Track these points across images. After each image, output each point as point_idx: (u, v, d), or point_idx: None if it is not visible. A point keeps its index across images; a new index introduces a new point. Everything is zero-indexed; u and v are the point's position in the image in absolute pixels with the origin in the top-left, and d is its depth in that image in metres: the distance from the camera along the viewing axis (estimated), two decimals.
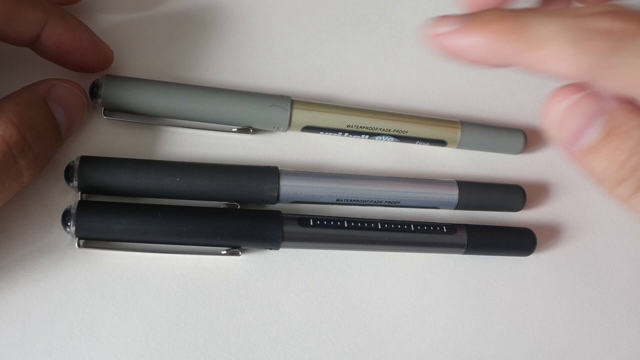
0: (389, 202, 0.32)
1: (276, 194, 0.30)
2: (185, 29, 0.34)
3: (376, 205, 0.32)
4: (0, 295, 0.27)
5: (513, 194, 0.33)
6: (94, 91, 0.29)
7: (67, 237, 0.28)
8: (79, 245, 0.27)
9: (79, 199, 0.28)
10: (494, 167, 0.35)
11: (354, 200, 0.31)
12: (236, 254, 0.29)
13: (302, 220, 0.30)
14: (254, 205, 0.30)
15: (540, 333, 0.32)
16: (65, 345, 0.27)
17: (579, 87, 0.25)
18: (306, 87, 0.34)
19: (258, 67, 0.34)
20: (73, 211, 0.27)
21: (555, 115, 0.25)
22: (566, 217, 0.35)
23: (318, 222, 0.30)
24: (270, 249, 0.30)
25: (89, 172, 0.28)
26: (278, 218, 0.29)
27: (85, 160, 0.28)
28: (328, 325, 0.30)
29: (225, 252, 0.29)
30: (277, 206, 0.31)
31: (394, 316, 0.31)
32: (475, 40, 0.24)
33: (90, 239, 0.28)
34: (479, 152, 0.35)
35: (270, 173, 0.30)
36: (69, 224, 0.27)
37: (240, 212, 0.29)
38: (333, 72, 0.35)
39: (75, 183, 0.28)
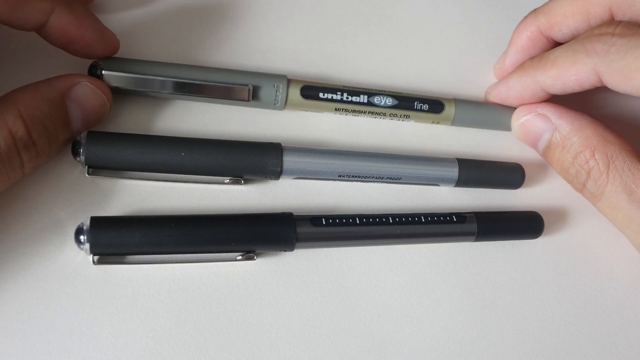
0: (390, 178, 0.32)
1: (279, 169, 0.30)
2: (186, 22, 0.34)
3: (377, 182, 0.32)
4: (1, 295, 0.27)
5: (512, 172, 0.34)
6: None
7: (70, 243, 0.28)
8: (94, 262, 0.27)
9: (87, 174, 0.28)
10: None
11: (356, 176, 0.31)
12: (251, 258, 0.29)
13: (315, 220, 0.30)
14: (257, 180, 0.31)
15: (540, 333, 0.32)
16: (65, 345, 0.27)
17: (530, 108, 0.32)
18: None
19: (257, 69, 0.34)
20: (86, 227, 0.27)
21: (516, 128, 0.33)
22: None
23: (330, 220, 0.30)
24: (285, 250, 0.30)
25: (95, 147, 0.28)
26: (291, 220, 0.29)
27: (92, 135, 0.28)
28: (328, 326, 0.30)
29: (240, 257, 0.29)
30: (283, 192, 0.31)
31: (394, 316, 0.31)
32: (514, 84, 0.33)
33: (104, 254, 0.27)
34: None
35: (273, 149, 0.30)
36: (82, 240, 0.27)
37: (253, 217, 0.29)
38: (333, 72, 0.35)
39: (82, 157, 0.28)
